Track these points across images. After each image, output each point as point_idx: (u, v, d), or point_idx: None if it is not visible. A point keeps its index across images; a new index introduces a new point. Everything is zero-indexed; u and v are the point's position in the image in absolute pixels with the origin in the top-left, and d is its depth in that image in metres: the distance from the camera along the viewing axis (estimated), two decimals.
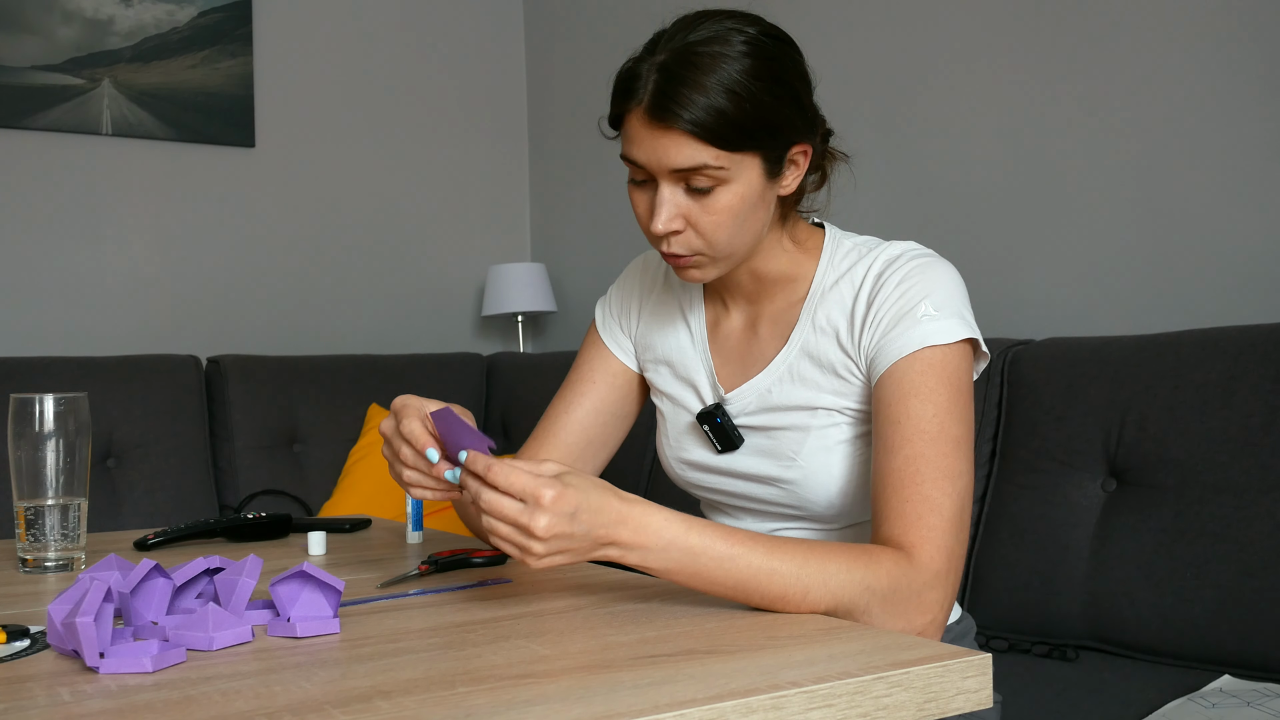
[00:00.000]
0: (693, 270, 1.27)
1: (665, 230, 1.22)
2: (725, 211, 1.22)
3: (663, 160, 1.20)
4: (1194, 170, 2.31)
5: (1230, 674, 1.77)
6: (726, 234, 1.23)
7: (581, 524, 1.01)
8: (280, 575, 1.01)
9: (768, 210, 1.27)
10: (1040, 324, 2.52)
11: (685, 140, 1.18)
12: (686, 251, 1.25)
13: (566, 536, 1.01)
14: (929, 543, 1.14)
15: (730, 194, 1.21)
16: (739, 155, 1.20)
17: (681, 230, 1.23)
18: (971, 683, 0.88)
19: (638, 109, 1.20)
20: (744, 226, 1.24)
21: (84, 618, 0.87)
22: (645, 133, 1.20)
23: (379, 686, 0.82)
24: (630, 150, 1.23)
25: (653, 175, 1.22)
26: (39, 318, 3.40)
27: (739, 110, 1.18)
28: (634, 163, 1.23)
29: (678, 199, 1.22)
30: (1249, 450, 1.85)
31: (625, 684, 0.82)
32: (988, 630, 2.09)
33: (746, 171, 1.21)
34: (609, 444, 1.49)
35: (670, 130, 1.18)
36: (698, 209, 1.22)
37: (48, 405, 1.36)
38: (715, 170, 1.19)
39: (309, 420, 3.27)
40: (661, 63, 1.19)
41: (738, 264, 1.30)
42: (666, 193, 1.22)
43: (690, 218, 1.22)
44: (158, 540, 1.54)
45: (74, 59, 3.45)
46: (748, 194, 1.22)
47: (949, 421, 1.19)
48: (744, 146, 1.20)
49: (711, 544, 1.05)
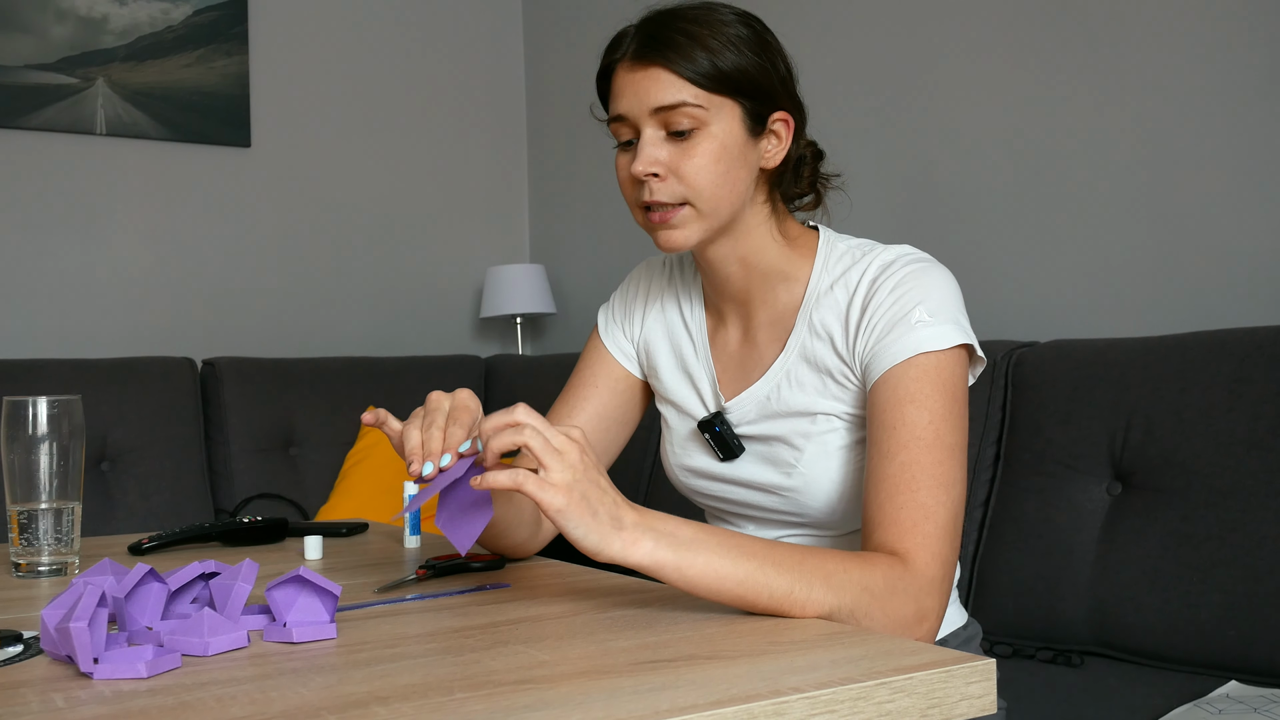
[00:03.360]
0: (675, 231, 1.27)
1: (645, 170, 1.24)
2: (706, 155, 1.24)
3: (643, 100, 1.24)
4: (1200, 170, 2.31)
5: (1237, 680, 1.76)
6: (709, 180, 1.25)
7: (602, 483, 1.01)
8: (276, 580, 1.00)
9: (750, 174, 1.29)
10: (1045, 326, 2.51)
11: (666, 76, 1.23)
12: (670, 199, 1.25)
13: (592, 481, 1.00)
14: (925, 549, 1.14)
15: (711, 140, 1.24)
16: (718, 99, 1.24)
17: (663, 177, 1.25)
18: (975, 688, 0.88)
19: (623, 60, 1.27)
20: (727, 179, 1.26)
21: (78, 623, 0.86)
22: (628, 79, 1.26)
23: (376, 692, 0.82)
24: (615, 104, 1.27)
25: (636, 128, 1.26)
26: (32, 319, 3.40)
27: (719, 55, 1.23)
28: (619, 118, 1.27)
29: (658, 144, 1.25)
30: (1256, 453, 1.85)
31: (625, 689, 0.81)
32: (992, 635, 2.08)
33: (726, 119, 1.25)
34: (611, 450, 1.48)
35: (651, 67, 1.24)
36: (679, 154, 1.24)
37: (41, 408, 1.35)
38: (694, 109, 1.23)
39: (305, 423, 3.27)
40: (646, 19, 1.27)
41: (719, 230, 1.29)
42: (648, 135, 1.25)
43: (671, 164, 1.25)
44: (152, 545, 1.54)
45: (67, 58, 3.44)
46: (728, 143, 1.25)
47: (944, 428, 1.19)
48: (723, 90, 1.24)
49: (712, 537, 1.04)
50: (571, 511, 0.99)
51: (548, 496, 0.99)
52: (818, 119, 1.40)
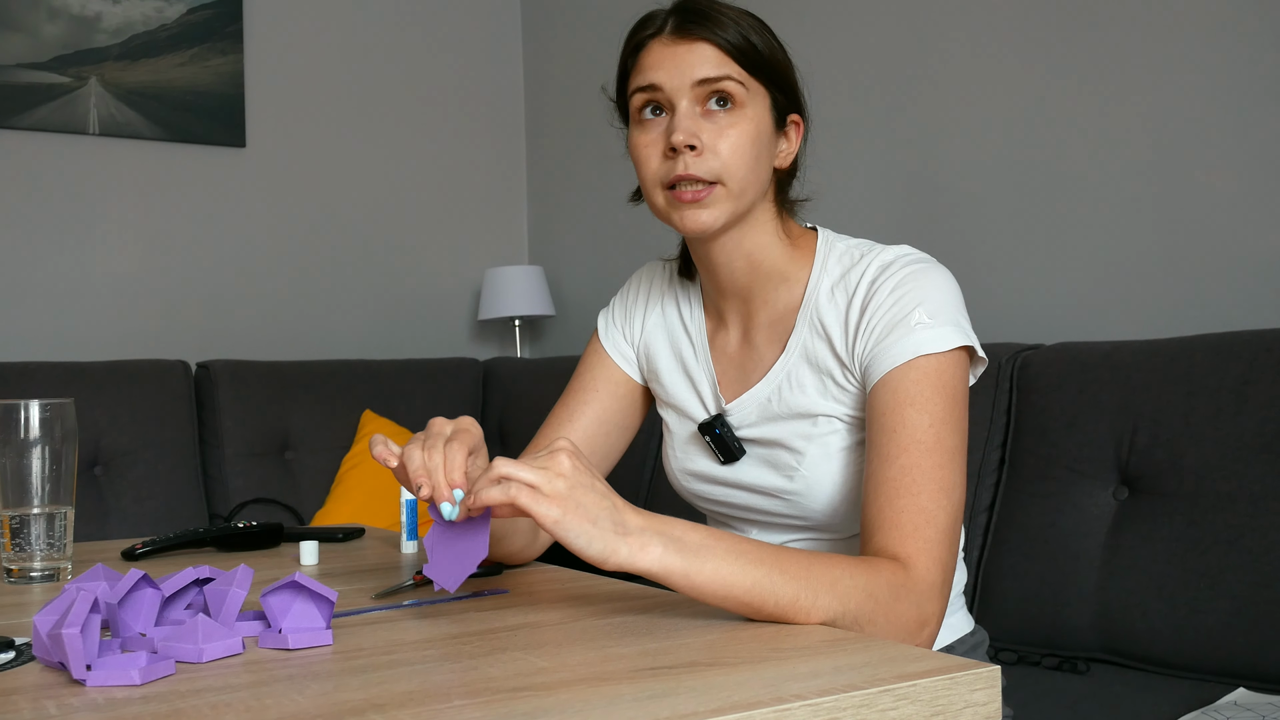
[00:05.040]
0: (704, 210, 1.25)
1: (685, 141, 1.23)
2: (744, 136, 1.24)
3: (686, 72, 1.23)
4: (1207, 171, 2.30)
5: (1245, 687, 1.75)
6: (744, 160, 1.25)
7: (599, 491, 0.98)
8: (271, 586, 1.00)
9: (769, 167, 1.30)
10: (1050, 328, 2.50)
11: (710, 50, 1.24)
12: (705, 174, 1.24)
13: (587, 486, 0.98)
14: (926, 555, 1.13)
15: (749, 121, 1.25)
16: (755, 82, 1.26)
17: (699, 151, 1.24)
18: (980, 695, 0.87)
19: (659, 35, 1.26)
20: (757, 164, 1.26)
21: (70, 629, 0.86)
22: (668, 51, 1.25)
23: (373, 700, 0.81)
24: (649, 74, 1.26)
25: (669, 101, 1.25)
26: (24, 321, 3.39)
27: (758, 41, 1.25)
28: (651, 87, 1.25)
29: (695, 118, 1.24)
30: (1264, 457, 1.84)
31: (625, 697, 0.81)
32: (996, 642, 2.07)
33: (760, 105, 1.26)
34: (611, 455, 1.47)
35: (697, 42, 1.24)
36: (715, 131, 1.24)
37: (33, 411, 1.35)
38: (737, 85, 1.24)
39: (301, 427, 3.26)
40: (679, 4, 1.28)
41: (740, 215, 1.28)
42: (685, 107, 1.24)
43: (709, 139, 1.24)
44: (146, 550, 1.54)
45: (60, 57, 3.43)
46: (761, 129, 1.26)
47: (944, 432, 1.19)
48: (760, 75, 1.26)
49: (720, 542, 1.03)
50: (569, 521, 0.96)
51: (542, 508, 0.96)
52: (817, 116, 1.40)
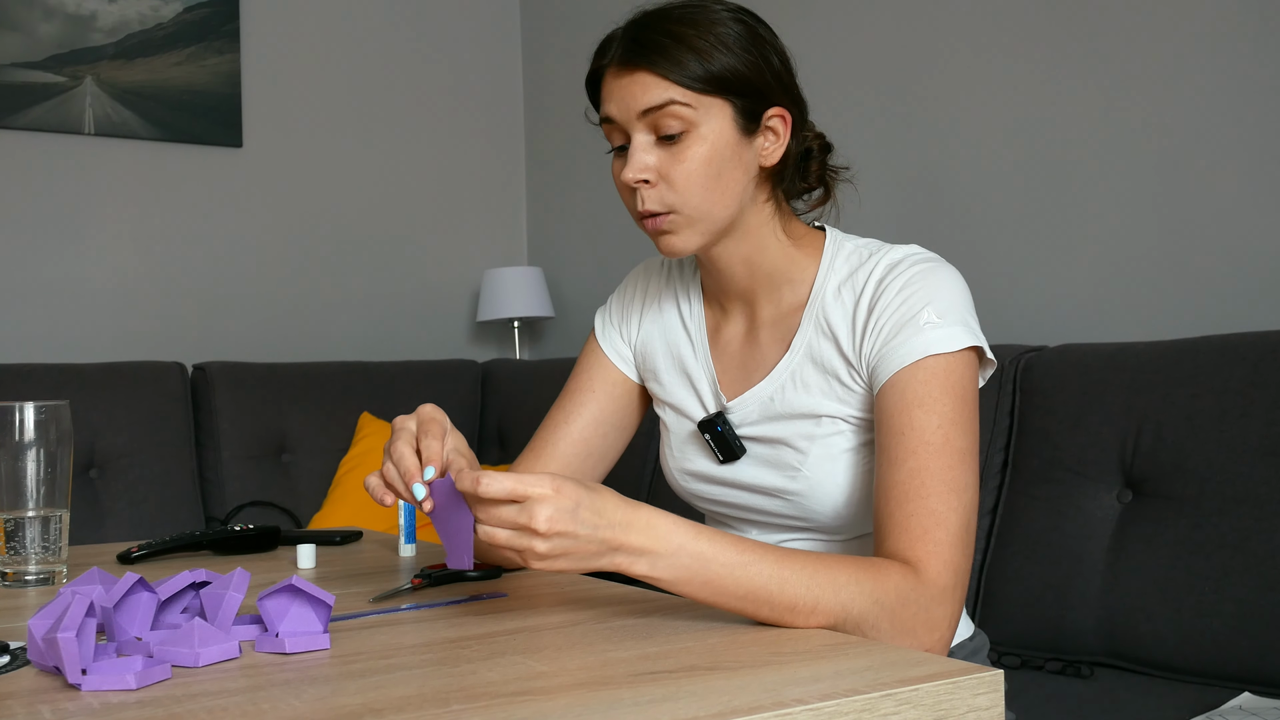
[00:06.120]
0: (670, 236, 1.26)
1: (634, 178, 1.23)
2: (696, 160, 1.22)
3: (630, 104, 1.22)
4: (1213, 170, 2.30)
5: (1250, 691, 1.75)
6: (699, 186, 1.23)
7: (585, 523, 0.97)
8: (268, 589, 1.00)
9: (745, 174, 1.27)
10: (1054, 329, 2.50)
11: (650, 79, 1.21)
12: (660, 207, 1.24)
13: (570, 536, 0.97)
14: (936, 558, 1.13)
15: (700, 142, 1.22)
16: (707, 99, 1.21)
17: (653, 183, 1.23)
18: (983, 700, 0.87)
19: (610, 65, 1.25)
20: (719, 183, 1.24)
21: (66, 633, 0.86)
22: (616, 84, 1.24)
23: (370, 704, 0.81)
24: (605, 107, 1.26)
25: (624, 133, 1.24)
26: (19, 323, 3.38)
27: (707, 55, 1.21)
28: (609, 121, 1.25)
29: (648, 149, 1.23)
30: (1270, 460, 1.83)
31: (625, 701, 0.81)
32: (1000, 646, 2.07)
33: (716, 120, 1.22)
34: (608, 456, 1.47)
35: (637, 71, 1.22)
36: (669, 159, 1.22)
37: (28, 413, 1.36)
38: (682, 109, 1.20)
39: (298, 429, 3.25)
40: (632, 21, 1.25)
41: (719, 233, 1.28)
42: (638, 141, 1.23)
43: (662, 169, 1.23)
44: (142, 553, 1.54)
45: (55, 56, 3.42)
46: (719, 145, 1.23)
47: (954, 433, 1.18)
48: (711, 90, 1.21)
49: (721, 550, 1.03)
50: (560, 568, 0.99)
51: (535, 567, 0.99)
52: (822, 117, 1.39)
